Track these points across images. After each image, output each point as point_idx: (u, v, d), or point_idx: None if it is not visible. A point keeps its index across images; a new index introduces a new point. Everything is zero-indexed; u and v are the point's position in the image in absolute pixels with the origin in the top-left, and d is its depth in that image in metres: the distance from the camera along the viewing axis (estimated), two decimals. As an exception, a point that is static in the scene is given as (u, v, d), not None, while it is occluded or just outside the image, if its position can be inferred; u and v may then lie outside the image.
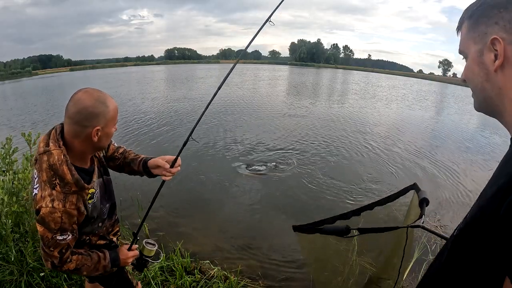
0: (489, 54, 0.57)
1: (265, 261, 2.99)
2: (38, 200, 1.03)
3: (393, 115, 12.55)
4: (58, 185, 1.03)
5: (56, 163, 1.03)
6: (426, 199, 1.34)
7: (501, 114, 0.60)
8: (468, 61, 0.63)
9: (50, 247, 1.07)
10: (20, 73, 61.16)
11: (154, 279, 2.34)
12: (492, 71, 0.57)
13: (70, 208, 1.05)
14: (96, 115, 1.04)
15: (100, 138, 1.08)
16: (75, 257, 1.14)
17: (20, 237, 2.26)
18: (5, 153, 2.28)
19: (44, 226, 1.04)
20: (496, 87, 0.57)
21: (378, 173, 5.38)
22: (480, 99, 0.63)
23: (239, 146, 6.64)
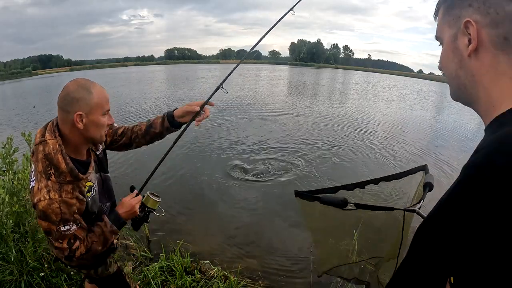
0: (463, 39, 0.53)
1: (265, 261, 2.99)
2: (35, 192, 1.03)
3: (395, 115, 12.53)
4: (53, 175, 1.03)
5: (51, 152, 1.03)
6: (430, 184, 1.30)
7: (475, 103, 0.56)
8: (443, 47, 0.60)
9: (58, 239, 1.07)
10: (20, 73, 61.21)
11: (154, 279, 2.34)
12: (466, 56, 0.53)
13: (66, 198, 1.04)
14: (76, 100, 1.04)
15: (87, 126, 1.07)
16: (81, 243, 1.13)
17: (20, 237, 2.26)
18: (6, 153, 2.28)
19: (47, 220, 1.04)
20: (469, 74, 0.54)
21: (381, 174, 5.37)
22: (454, 87, 0.60)
23: (240, 146, 6.63)
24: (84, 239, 1.13)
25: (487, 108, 0.54)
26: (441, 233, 0.46)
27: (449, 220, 0.44)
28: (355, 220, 1.37)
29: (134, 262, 2.71)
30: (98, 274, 1.38)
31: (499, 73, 0.51)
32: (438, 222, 0.47)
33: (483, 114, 0.55)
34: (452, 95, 0.62)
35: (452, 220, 0.44)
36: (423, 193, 1.27)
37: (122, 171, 5.08)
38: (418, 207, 1.19)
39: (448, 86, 0.62)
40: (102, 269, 1.39)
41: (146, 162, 5.19)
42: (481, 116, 0.56)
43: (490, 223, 0.40)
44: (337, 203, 1.21)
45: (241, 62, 1.60)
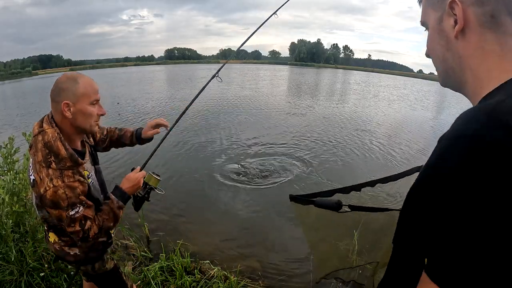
0: (449, 20, 0.52)
1: (265, 261, 2.99)
2: (39, 184, 1.07)
3: (396, 114, 12.57)
4: (53, 162, 1.07)
5: (50, 140, 1.08)
6: None
7: (464, 86, 0.55)
8: (429, 31, 0.58)
9: (70, 224, 1.11)
10: (20, 73, 61.23)
11: (154, 279, 2.34)
12: (452, 38, 0.52)
13: (69, 182, 1.09)
14: (63, 90, 1.10)
15: (75, 115, 1.12)
16: (92, 222, 1.17)
17: (20, 237, 2.27)
18: (7, 153, 2.29)
19: (57, 208, 1.08)
20: (456, 56, 0.53)
21: (383, 174, 5.38)
22: (443, 72, 0.58)
23: (241, 146, 6.63)
24: (94, 218, 1.17)
25: (474, 89, 0.53)
26: (419, 208, 0.46)
27: (427, 193, 0.44)
28: (352, 223, 1.37)
29: (134, 262, 2.71)
30: (95, 270, 1.40)
31: (486, 52, 0.50)
32: (417, 194, 0.47)
33: (472, 96, 0.54)
34: (441, 81, 0.61)
35: (430, 194, 0.44)
36: None
37: (113, 169, 5.09)
38: None
39: (437, 72, 0.60)
40: (99, 265, 1.41)
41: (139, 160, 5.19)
42: (470, 99, 0.55)
43: (470, 196, 0.39)
44: (331, 206, 1.22)
45: (227, 62, 1.83)
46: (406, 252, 0.51)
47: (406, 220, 0.49)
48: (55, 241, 1.32)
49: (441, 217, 0.42)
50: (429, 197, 0.44)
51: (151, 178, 1.40)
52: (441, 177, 0.43)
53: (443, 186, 0.42)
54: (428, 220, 0.44)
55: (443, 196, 0.42)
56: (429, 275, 0.43)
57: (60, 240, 1.30)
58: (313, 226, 1.54)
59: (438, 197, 0.42)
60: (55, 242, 1.32)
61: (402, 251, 0.52)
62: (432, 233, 0.43)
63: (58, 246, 1.32)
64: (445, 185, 0.41)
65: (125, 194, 1.29)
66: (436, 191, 0.43)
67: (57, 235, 1.29)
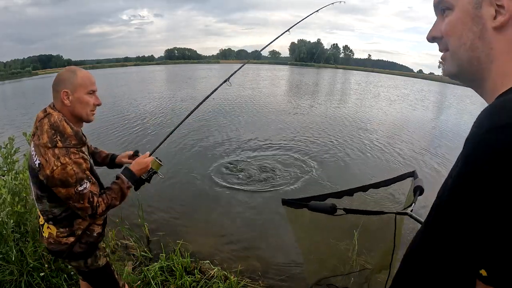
0: (489, 9, 0.49)
1: (265, 261, 2.99)
2: (45, 166, 1.13)
3: (398, 114, 12.61)
4: (59, 141, 1.15)
5: (56, 121, 1.18)
6: (420, 187, 1.31)
7: (482, 79, 0.52)
8: (457, 13, 0.53)
9: (79, 200, 1.17)
10: (20, 73, 61.18)
11: (154, 279, 2.34)
12: (490, 27, 0.49)
13: (75, 159, 1.16)
14: (63, 80, 1.21)
15: (73, 103, 1.22)
16: (101, 199, 1.25)
17: (21, 237, 2.26)
18: (7, 153, 2.29)
19: (65, 186, 1.14)
20: (487, 46, 0.50)
21: (385, 174, 5.38)
22: (463, 60, 0.54)
23: (242, 146, 6.63)
24: (103, 197, 1.26)
25: (494, 85, 0.51)
26: (463, 218, 0.42)
27: (472, 199, 0.41)
28: (348, 226, 1.37)
29: (134, 262, 2.71)
30: (88, 266, 1.42)
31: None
32: (457, 205, 0.43)
33: (488, 90, 0.52)
34: (452, 69, 0.56)
35: (477, 199, 0.40)
36: (414, 197, 1.27)
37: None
38: (410, 210, 1.18)
39: (447, 60, 0.57)
40: (92, 260, 1.42)
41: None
42: (484, 94, 0.54)
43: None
44: (326, 210, 1.21)
45: (247, 62, 1.85)
46: (455, 268, 0.46)
47: (451, 234, 0.45)
48: (51, 235, 1.32)
49: (493, 216, 0.38)
50: (474, 202, 0.40)
51: (154, 162, 1.51)
52: (483, 176, 0.39)
53: (487, 185, 0.39)
54: (480, 225, 0.40)
55: (488, 196, 0.38)
56: (493, 285, 0.39)
57: (58, 231, 1.31)
58: (303, 235, 1.54)
59: (483, 199, 0.39)
60: (50, 235, 1.32)
61: (450, 268, 0.46)
62: (489, 240, 0.39)
63: (52, 239, 1.33)
64: (490, 183, 0.38)
65: (135, 176, 1.39)
66: (480, 193, 0.39)
67: (56, 226, 1.31)
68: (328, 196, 1.37)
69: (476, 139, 0.43)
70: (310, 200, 1.31)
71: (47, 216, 1.29)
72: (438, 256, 0.48)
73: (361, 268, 1.53)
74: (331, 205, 1.20)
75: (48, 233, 1.33)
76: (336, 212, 1.19)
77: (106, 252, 1.56)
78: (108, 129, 8.08)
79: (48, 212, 1.27)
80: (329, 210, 1.20)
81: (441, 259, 0.47)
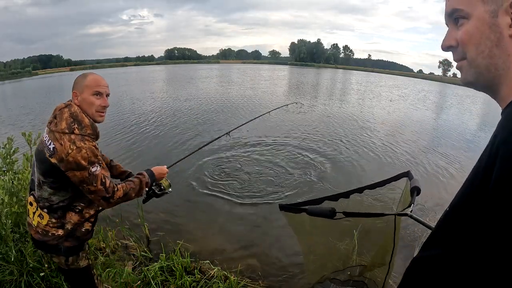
0: (505, 18, 0.51)
1: (265, 261, 2.99)
2: (60, 150, 1.23)
3: (401, 114, 12.64)
4: (76, 128, 1.27)
5: (76, 111, 1.31)
6: (417, 188, 1.30)
7: (498, 85, 0.55)
8: (474, 22, 0.55)
9: (92, 183, 1.26)
10: (20, 73, 61.09)
11: (154, 279, 2.34)
12: (507, 35, 0.51)
13: (90, 145, 1.28)
14: (75, 83, 1.37)
15: (80, 103, 1.35)
16: (121, 186, 1.38)
17: (20, 237, 2.26)
18: (6, 153, 2.28)
19: (79, 169, 1.23)
20: (505, 53, 0.52)
21: (386, 175, 5.38)
22: (481, 68, 0.55)
23: (244, 146, 6.62)
24: (123, 186, 1.38)
25: (510, 90, 0.53)
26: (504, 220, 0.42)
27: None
28: (348, 226, 1.37)
29: (134, 262, 2.71)
30: (68, 264, 1.43)
31: None
32: (498, 208, 0.44)
33: (504, 95, 0.54)
34: (471, 77, 0.58)
35: None
36: (412, 198, 1.27)
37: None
38: (409, 211, 1.18)
39: (464, 69, 0.59)
40: (73, 259, 1.44)
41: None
42: (500, 99, 0.55)
43: None
44: (325, 214, 1.20)
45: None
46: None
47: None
48: (39, 224, 1.35)
49: None
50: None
51: (165, 182, 1.71)
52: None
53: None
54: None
55: None
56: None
57: (50, 221, 1.33)
58: (305, 236, 1.54)
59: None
60: (39, 225, 1.35)
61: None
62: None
63: (40, 229, 1.35)
64: None
65: (153, 176, 1.55)
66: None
67: (49, 215, 1.33)
68: (325, 199, 1.37)
69: (507, 146, 0.44)
70: (307, 204, 1.31)
71: (43, 203, 1.32)
72: (457, 247, 0.50)
73: (359, 264, 1.53)
74: (330, 209, 1.20)
75: (37, 222, 1.36)
76: (336, 216, 1.19)
77: (90, 256, 1.61)
78: (114, 129, 8.05)
79: (45, 200, 1.32)
80: (329, 214, 1.19)
81: (460, 250, 0.50)
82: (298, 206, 1.31)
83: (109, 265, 2.50)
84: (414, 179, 1.38)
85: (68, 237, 1.37)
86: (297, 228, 1.45)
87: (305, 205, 1.30)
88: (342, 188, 4.35)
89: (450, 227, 0.55)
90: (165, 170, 1.64)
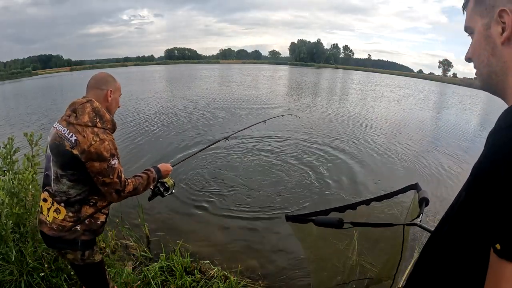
0: (497, 27, 0.56)
1: (265, 261, 2.99)
2: (82, 142, 1.28)
3: (403, 113, 12.68)
4: (98, 122, 1.34)
5: (98, 106, 1.38)
6: (426, 199, 1.32)
7: (504, 89, 0.58)
8: (475, 36, 0.62)
9: (109, 175, 1.32)
10: (20, 73, 60.94)
11: (154, 279, 2.34)
12: (499, 44, 0.56)
13: (111, 138, 1.36)
14: (109, 81, 1.46)
15: (112, 101, 1.45)
16: (130, 180, 1.44)
17: (20, 237, 2.26)
18: (6, 153, 2.28)
19: (99, 160, 1.28)
20: (501, 61, 0.56)
21: (388, 176, 5.38)
22: (484, 76, 0.61)
23: (245, 146, 6.62)
24: (132, 179, 1.44)
25: None
26: (484, 201, 0.48)
27: (492, 186, 0.47)
28: (355, 235, 1.38)
29: (134, 262, 2.71)
30: (84, 259, 1.44)
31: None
32: (479, 191, 0.50)
33: (511, 98, 0.57)
34: (480, 85, 0.64)
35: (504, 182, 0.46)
36: (420, 208, 1.29)
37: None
38: (418, 221, 1.20)
39: (477, 77, 0.64)
40: (89, 253, 1.45)
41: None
42: (508, 102, 0.58)
43: None
44: (333, 224, 1.22)
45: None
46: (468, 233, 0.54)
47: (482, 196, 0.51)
48: (55, 219, 1.35)
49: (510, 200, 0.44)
50: (494, 188, 0.47)
51: (170, 180, 1.72)
52: (503, 166, 0.46)
53: (506, 174, 0.45)
54: (498, 207, 0.46)
55: (507, 184, 0.45)
56: (505, 257, 0.45)
57: (67, 215, 1.35)
58: (312, 246, 1.54)
59: (503, 186, 0.45)
60: (55, 220, 1.35)
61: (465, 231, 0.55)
62: (505, 219, 0.45)
63: (56, 225, 1.35)
64: (509, 172, 0.44)
65: (160, 172, 1.61)
66: (499, 181, 0.46)
67: (67, 209, 1.35)
68: (331, 210, 1.38)
69: (497, 136, 0.51)
70: (313, 215, 1.32)
71: (61, 197, 1.34)
72: (461, 232, 0.56)
73: (361, 278, 1.54)
74: (338, 219, 1.21)
75: (53, 217, 1.36)
76: (344, 226, 1.21)
77: (102, 251, 1.61)
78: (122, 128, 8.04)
79: (63, 194, 1.34)
80: (336, 224, 1.21)
81: (464, 235, 0.55)
82: (305, 217, 1.32)
83: (109, 265, 2.50)
84: (423, 191, 1.40)
85: (85, 231, 1.39)
86: (304, 238, 1.46)
87: (312, 216, 1.31)
88: (352, 194, 4.36)
89: (454, 208, 0.61)
90: (170, 168, 1.70)
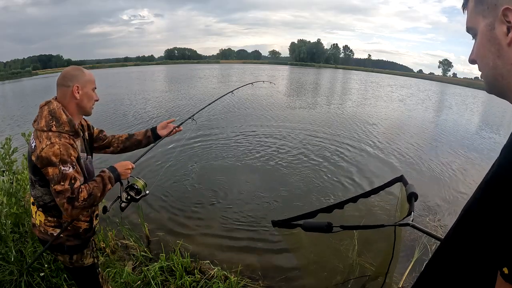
0: (501, 27, 0.51)
1: (265, 261, 2.98)
2: (37, 146, 1.21)
3: (405, 113, 12.72)
4: (54, 126, 1.25)
5: (54, 108, 1.29)
6: (414, 194, 1.25)
7: (511, 92, 0.55)
8: (478, 38, 0.57)
9: (60, 182, 1.19)
10: (20, 73, 60.94)
11: (154, 279, 2.33)
12: (505, 45, 0.51)
13: (65, 142, 1.24)
14: (74, 76, 1.34)
15: (82, 97, 1.35)
16: (83, 186, 1.27)
17: (20, 237, 2.26)
18: (5, 153, 2.27)
19: (50, 165, 1.19)
20: (508, 63, 0.52)
21: (388, 174, 5.38)
22: (490, 79, 0.57)
23: (243, 146, 6.62)
24: (86, 185, 1.28)
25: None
26: (493, 217, 0.46)
27: (503, 200, 0.45)
28: (347, 235, 1.35)
29: (134, 262, 2.70)
30: (72, 262, 1.43)
31: None
32: (489, 205, 0.48)
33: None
34: (487, 88, 0.60)
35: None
36: (410, 205, 1.21)
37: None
38: (410, 220, 1.12)
39: (483, 80, 0.60)
40: (77, 257, 1.43)
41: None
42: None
43: None
44: (322, 228, 1.16)
45: None
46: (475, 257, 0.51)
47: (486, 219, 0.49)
48: (41, 223, 1.36)
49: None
50: (505, 202, 0.44)
51: (139, 181, 1.55)
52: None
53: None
54: (508, 225, 0.43)
55: None
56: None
57: (46, 220, 1.34)
58: (304, 250, 1.51)
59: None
60: (41, 223, 1.36)
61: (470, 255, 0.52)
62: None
63: (43, 228, 1.36)
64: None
65: (116, 171, 1.44)
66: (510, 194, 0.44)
67: (45, 214, 1.34)
68: (319, 211, 1.33)
69: (511, 146, 0.48)
70: (301, 218, 1.26)
71: (38, 202, 1.33)
72: (467, 252, 0.53)
73: (360, 275, 1.52)
74: (326, 224, 1.15)
75: (39, 221, 1.37)
76: (333, 230, 1.14)
77: (95, 254, 1.56)
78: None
79: (39, 199, 1.32)
80: (325, 229, 1.14)
81: (469, 255, 0.52)
82: (292, 221, 1.26)
83: (109, 265, 2.49)
84: (410, 185, 1.33)
85: (69, 237, 1.37)
86: (303, 239, 1.41)
87: (299, 219, 1.25)
88: (347, 192, 4.36)
89: (464, 218, 0.58)
90: (130, 165, 1.50)
